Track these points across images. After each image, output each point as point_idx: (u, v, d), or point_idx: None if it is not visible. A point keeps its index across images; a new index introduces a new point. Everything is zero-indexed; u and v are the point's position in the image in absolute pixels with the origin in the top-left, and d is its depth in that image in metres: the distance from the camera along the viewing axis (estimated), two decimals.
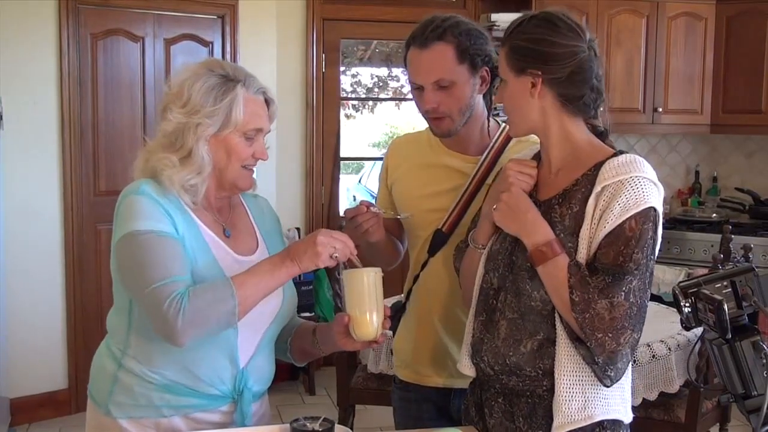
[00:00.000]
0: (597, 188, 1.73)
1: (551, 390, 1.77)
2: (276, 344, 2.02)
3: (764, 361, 1.41)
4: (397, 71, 8.87)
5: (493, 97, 2.14)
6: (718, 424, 3.59)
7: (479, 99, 2.14)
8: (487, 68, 2.10)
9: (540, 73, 1.76)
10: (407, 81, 2.16)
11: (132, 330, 1.85)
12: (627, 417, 1.84)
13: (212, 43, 5.06)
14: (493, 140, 2.17)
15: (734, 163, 5.75)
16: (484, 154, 2.15)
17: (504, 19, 4.89)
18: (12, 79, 4.40)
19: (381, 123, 10.74)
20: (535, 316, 1.79)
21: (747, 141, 5.67)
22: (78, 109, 4.62)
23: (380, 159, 2.36)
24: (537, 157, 1.92)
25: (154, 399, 1.84)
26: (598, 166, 1.77)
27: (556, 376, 1.75)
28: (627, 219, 1.69)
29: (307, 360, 2.13)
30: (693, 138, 5.81)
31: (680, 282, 1.49)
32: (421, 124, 2.25)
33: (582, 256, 1.73)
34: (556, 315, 1.76)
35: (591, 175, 1.77)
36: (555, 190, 1.82)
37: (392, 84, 9.35)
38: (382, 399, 3.65)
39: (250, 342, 1.90)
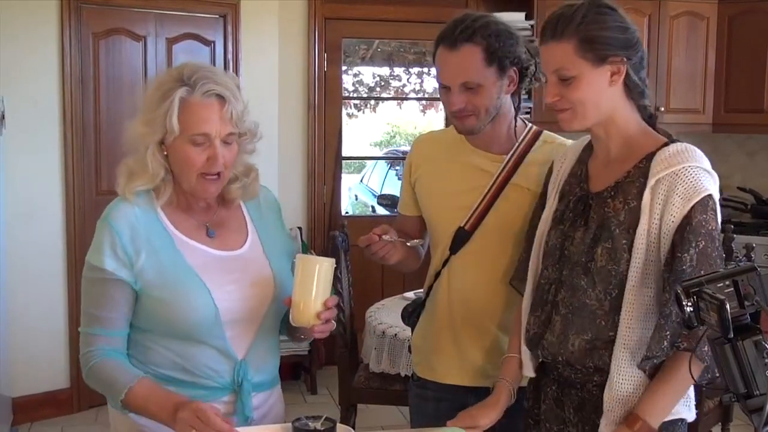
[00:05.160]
0: (651, 181, 1.72)
1: (601, 387, 1.78)
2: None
3: (766, 360, 1.40)
4: (399, 70, 8.86)
5: (543, 98, 2.09)
6: (720, 423, 3.59)
7: (507, 98, 2.12)
8: (515, 68, 2.08)
9: (624, 59, 1.74)
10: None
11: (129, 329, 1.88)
12: (690, 415, 1.83)
13: (214, 42, 5.06)
14: (520, 139, 2.15)
15: (736, 162, 5.74)
16: (510, 153, 2.13)
17: (505, 18, 4.82)
18: (14, 78, 4.40)
19: (383, 122, 10.73)
20: (587, 313, 1.78)
21: (749, 140, 5.66)
22: (80, 108, 4.62)
23: (382, 158, 2.37)
24: (588, 147, 1.90)
25: None
26: (650, 157, 1.75)
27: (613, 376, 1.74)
28: (690, 210, 1.68)
29: (299, 339, 2.10)
30: (695, 137, 5.76)
31: (682, 281, 1.49)
32: (421, 124, 2.25)
33: (640, 252, 1.71)
34: (621, 318, 1.73)
35: (643, 168, 1.76)
36: (607, 182, 1.81)
37: (394, 83, 9.33)
38: (384, 398, 3.66)
39: (245, 334, 1.91)
